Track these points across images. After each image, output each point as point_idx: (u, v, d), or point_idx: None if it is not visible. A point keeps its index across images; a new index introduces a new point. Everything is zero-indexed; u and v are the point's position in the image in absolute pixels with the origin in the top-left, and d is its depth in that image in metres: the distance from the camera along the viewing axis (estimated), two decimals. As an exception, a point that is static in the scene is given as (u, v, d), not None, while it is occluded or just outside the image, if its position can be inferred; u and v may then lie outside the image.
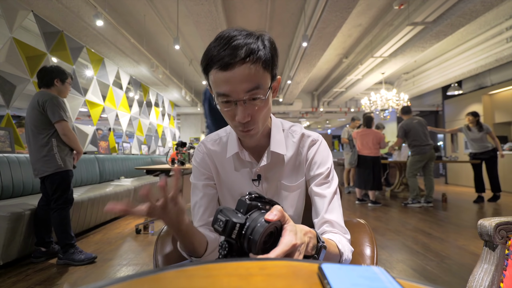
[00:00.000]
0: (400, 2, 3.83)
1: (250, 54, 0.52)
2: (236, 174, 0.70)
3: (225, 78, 0.52)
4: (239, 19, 4.65)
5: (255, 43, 0.53)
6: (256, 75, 0.53)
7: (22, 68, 3.01)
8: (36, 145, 1.97)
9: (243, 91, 0.53)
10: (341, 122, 14.36)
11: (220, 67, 0.52)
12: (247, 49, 0.52)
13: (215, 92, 0.56)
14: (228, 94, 0.54)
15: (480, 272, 0.69)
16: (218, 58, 0.52)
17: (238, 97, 0.54)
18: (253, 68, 0.52)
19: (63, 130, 1.98)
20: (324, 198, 0.64)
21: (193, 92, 8.70)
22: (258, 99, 0.55)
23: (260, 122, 0.59)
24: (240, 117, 0.55)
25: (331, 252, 0.54)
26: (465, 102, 6.78)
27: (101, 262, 2.04)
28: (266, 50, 0.55)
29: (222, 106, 0.57)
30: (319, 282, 0.27)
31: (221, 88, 0.54)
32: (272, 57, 0.56)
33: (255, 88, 0.54)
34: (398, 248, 2.32)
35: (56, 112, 1.94)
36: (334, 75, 7.57)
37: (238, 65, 0.52)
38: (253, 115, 0.57)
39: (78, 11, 3.51)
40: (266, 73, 0.55)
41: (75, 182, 3.22)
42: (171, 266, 0.30)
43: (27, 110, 2.01)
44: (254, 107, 0.56)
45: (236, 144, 0.68)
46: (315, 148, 0.70)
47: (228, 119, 0.60)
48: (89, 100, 4.31)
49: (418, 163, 4.12)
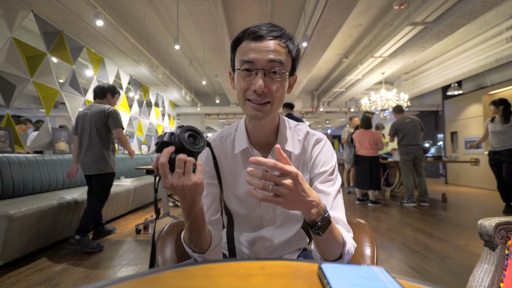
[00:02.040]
0: (400, 2, 3.83)
1: (282, 36, 0.61)
2: (243, 171, 0.70)
3: (255, 47, 0.59)
4: (239, 19, 4.65)
5: (286, 34, 0.62)
6: (282, 53, 0.60)
7: (22, 68, 3.01)
8: (97, 147, 2.40)
9: (267, 60, 0.58)
10: (341, 122, 14.36)
11: (253, 38, 0.59)
12: (281, 31, 0.61)
13: (240, 60, 0.60)
14: (253, 60, 0.58)
15: (480, 272, 0.69)
16: (253, 31, 0.60)
17: (261, 65, 0.58)
18: (282, 47, 0.60)
19: (119, 134, 2.44)
20: (328, 195, 0.64)
21: (193, 92, 8.70)
22: (278, 73, 0.59)
23: (275, 100, 0.62)
24: (257, 86, 0.58)
25: (335, 234, 0.55)
26: (465, 102, 6.78)
27: (101, 262, 2.04)
28: (294, 45, 0.63)
29: (242, 75, 0.61)
30: (319, 282, 0.27)
31: (249, 55, 0.59)
32: (297, 53, 0.64)
33: (279, 62, 0.59)
34: (398, 248, 2.32)
35: (117, 121, 2.44)
36: (334, 75, 7.57)
37: (270, 39, 0.59)
38: (270, 89, 0.60)
39: (78, 11, 3.51)
40: (289, 58, 0.62)
41: (75, 182, 3.23)
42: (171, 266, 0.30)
43: (90, 115, 2.41)
44: (272, 81, 0.60)
45: (246, 139, 0.69)
46: (320, 146, 0.71)
47: (241, 90, 0.62)
48: (89, 100, 4.31)
49: (407, 163, 4.16)
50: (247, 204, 0.71)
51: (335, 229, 0.55)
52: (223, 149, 0.72)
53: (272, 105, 0.61)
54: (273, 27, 0.61)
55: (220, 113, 9.95)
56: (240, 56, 0.61)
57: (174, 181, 0.49)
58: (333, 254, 0.57)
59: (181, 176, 0.49)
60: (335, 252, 0.56)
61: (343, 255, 0.57)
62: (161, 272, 0.28)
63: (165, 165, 0.48)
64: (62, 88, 3.66)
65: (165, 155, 0.48)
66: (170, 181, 0.49)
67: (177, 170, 0.49)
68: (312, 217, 0.50)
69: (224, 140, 0.73)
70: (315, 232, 0.51)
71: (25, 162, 2.53)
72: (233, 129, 0.74)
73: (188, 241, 0.61)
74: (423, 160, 4.21)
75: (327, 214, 0.51)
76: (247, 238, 0.74)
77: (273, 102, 0.61)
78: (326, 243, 0.55)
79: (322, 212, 0.51)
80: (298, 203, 0.48)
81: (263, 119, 0.63)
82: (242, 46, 0.61)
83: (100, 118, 2.41)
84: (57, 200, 2.36)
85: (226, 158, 0.72)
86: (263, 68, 0.58)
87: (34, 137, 3.52)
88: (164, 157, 0.48)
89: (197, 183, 0.50)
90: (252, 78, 0.60)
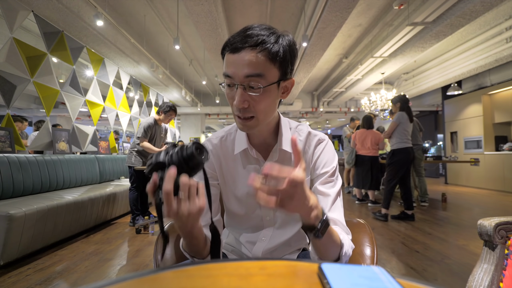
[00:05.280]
0: (400, 2, 3.83)
1: (259, 44, 0.55)
2: (242, 171, 0.70)
3: (232, 60, 0.56)
4: (239, 19, 4.65)
5: (268, 36, 0.56)
6: (260, 63, 0.55)
7: (22, 68, 3.01)
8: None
9: (243, 75, 0.55)
10: (341, 122, 14.36)
11: (230, 50, 0.56)
12: (257, 39, 0.55)
13: (223, 74, 0.59)
14: (231, 75, 0.57)
15: (480, 272, 0.69)
16: (231, 42, 0.56)
17: (239, 81, 0.56)
18: (259, 57, 0.55)
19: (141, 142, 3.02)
20: (328, 196, 0.64)
21: (193, 92, 8.70)
22: (256, 87, 0.56)
23: (260, 114, 0.59)
24: (236, 101, 0.57)
25: (333, 236, 0.55)
26: (465, 102, 6.78)
27: (101, 262, 2.04)
28: (279, 46, 0.56)
29: (226, 89, 0.60)
30: (319, 282, 0.27)
31: (227, 69, 0.57)
32: (284, 55, 0.57)
33: (256, 75, 0.55)
34: (398, 248, 2.32)
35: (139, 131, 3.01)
36: (334, 75, 7.57)
37: (246, 51, 0.55)
38: (251, 104, 0.58)
39: (78, 11, 3.51)
40: (272, 66, 0.56)
41: (75, 182, 3.23)
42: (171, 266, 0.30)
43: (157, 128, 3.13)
44: (251, 95, 0.57)
45: (245, 140, 0.68)
46: (321, 147, 0.70)
47: (230, 104, 0.61)
48: (89, 100, 4.31)
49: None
50: (247, 205, 0.71)
51: (333, 232, 0.55)
52: (223, 149, 0.72)
53: (257, 119, 0.59)
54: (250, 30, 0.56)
55: (220, 113, 9.95)
56: (223, 68, 0.59)
57: (180, 209, 0.45)
58: (331, 256, 0.57)
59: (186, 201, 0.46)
60: (332, 254, 0.56)
61: (341, 257, 0.57)
62: (161, 272, 0.28)
63: (170, 193, 0.44)
64: (63, 88, 3.66)
65: (170, 181, 0.43)
66: (175, 209, 0.45)
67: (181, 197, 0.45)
68: (311, 221, 0.50)
69: (224, 140, 0.73)
70: (315, 235, 0.50)
71: (25, 162, 2.53)
72: (233, 129, 0.73)
73: (188, 250, 0.62)
74: (422, 160, 4.21)
75: (325, 217, 0.51)
76: (247, 239, 0.74)
77: (257, 116, 0.59)
78: (324, 246, 0.55)
79: (321, 215, 0.50)
80: (299, 209, 0.48)
81: (251, 131, 0.63)
82: (225, 57, 0.58)
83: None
84: (57, 200, 2.36)
85: (226, 158, 0.72)
86: (241, 83, 0.56)
87: (34, 137, 3.52)
88: (169, 183, 0.43)
89: (202, 208, 0.47)
90: (233, 92, 0.58)
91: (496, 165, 5.79)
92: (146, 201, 3.22)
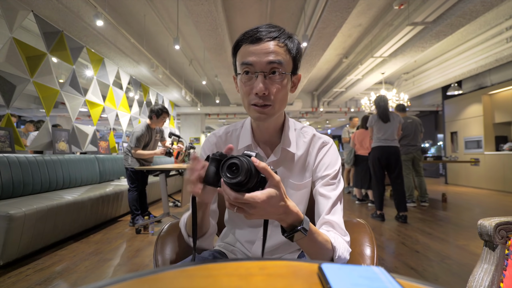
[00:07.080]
0: (400, 2, 3.83)
1: (280, 36, 0.60)
2: None
3: (254, 50, 0.59)
4: (239, 19, 4.65)
5: (285, 33, 0.62)
6: (281, 53, 0.60)
7: (22, 68, 3.01)
8: None
9: (266, 62, 0.58)
10: (341, 122, 14.36)
11: (251, 41, 0.59)
12: (277, 33, 0.60)
13: (240, 64, 0.61)
14: (252, 63, 0.59)
15: (480, 272, 0.69)
16: (251, 34, 0.60)
17: (260, 68, 0.58)
18: (280, 46, 0.60)
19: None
20: (329, 199, 0.65)
21: (193, 92, 8.70)
22: (278, 73, 0.59)
23: (276, 102, 0.61)
24: (258, 88, 0.58)
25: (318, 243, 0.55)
26: (465, 102, 6.78)
27: (101, 262, 2.04)
28: (294, 44, 0.63)
29: (243, 79, 0.61)
30: (319, 282, 0.27)
31: (247, 58, 0.59)
32: (297, 51, 0.64)
33: (278, 62, 0.59)
34: (398, 248, 2.32)
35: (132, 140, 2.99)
36: (334, 75, 7.57)
37: (268, 41, 0.59)
38: (271, 92, 0.60)
39: (78, 11, 3.51)
40: (288, 58, 0.61)
41: (75, 182, 3.23)
42: (171, 266, 0.30)
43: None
44: (272, 83, 0.60)
45: (250, 136, 0.70)
46: (325, 150, 0.71)
47: (245, 94, 0.62)
48: (89, 100, 4.31)
49: (405, 163, 4.16)
50: None
51: (317, 239, 0.54)
52: (227, 143, 0.73)
53: (273, 107, 0.61)
54: (271, 27, 0.61)
55: (220, 113, 9.94)
56: (240, 59, 0.61)
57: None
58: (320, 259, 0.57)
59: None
60: (321, 257, 0.57)
61: (334, 261, 0.57)
62: (161, 272, 0.28)
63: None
64: (62, 88, 3.66)
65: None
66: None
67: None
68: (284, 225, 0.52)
69: (229, 135, 0.75)
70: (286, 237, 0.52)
71: (25, 162, 2.53)
72: (239, 126, 0.75)
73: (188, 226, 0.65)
74: (421, 160, 4.22)
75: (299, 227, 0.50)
76: (246, 238, 0.74)
77: (274, 105, 0.61)
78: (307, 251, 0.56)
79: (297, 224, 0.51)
80: (264, 217, 0.48)
81: (266, 121, 0.64)
82: (241, 50, 0.61)
83: None
84: (57, 200, 2.36)
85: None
86: (262, 71, 0.58)
87: (34, 137, 3.52)
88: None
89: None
90: (253, 82, 0.60)
91: (496, 165, 5.79)
92: (145, 201, 3.22)
